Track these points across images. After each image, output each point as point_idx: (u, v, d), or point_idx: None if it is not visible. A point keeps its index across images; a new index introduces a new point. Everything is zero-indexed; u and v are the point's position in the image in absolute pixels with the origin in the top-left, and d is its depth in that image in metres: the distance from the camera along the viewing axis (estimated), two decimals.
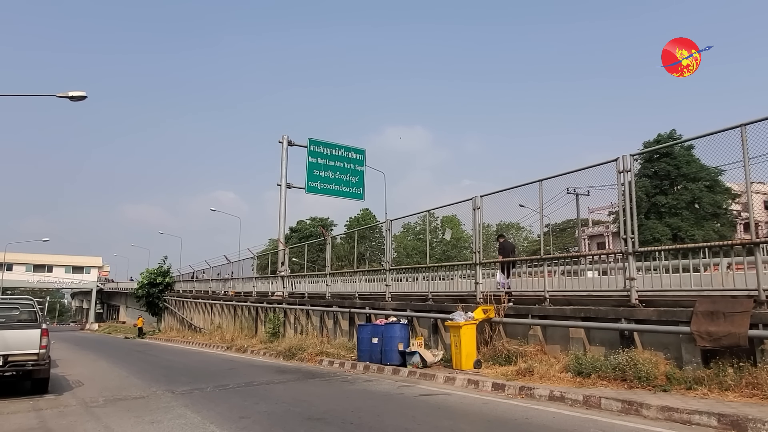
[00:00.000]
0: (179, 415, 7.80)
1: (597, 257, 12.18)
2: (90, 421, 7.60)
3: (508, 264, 12.63)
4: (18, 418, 7.93)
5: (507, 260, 12.62)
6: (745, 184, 8.10)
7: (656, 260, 10.18)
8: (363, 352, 13.36)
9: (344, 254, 48.49)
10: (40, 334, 9.72)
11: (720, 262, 8.79)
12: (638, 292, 9.23)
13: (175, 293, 41.93)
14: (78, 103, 17.30)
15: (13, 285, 71.74)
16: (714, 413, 6.26)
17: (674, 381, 7.83)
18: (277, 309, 22.68)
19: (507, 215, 25.49)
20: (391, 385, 10.25)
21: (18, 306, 11.67)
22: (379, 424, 6.84)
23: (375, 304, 16.37)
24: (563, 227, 40.19)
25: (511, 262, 12.68)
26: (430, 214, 18.37)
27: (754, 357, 7.57)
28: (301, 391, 10.00)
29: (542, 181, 11.39)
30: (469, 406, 7.97)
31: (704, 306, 8.01)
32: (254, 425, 6.98)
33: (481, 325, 11.65)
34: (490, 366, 10.88)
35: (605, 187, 10.86)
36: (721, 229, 35.48)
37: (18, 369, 9.52)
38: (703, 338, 7.78)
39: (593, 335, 9.99)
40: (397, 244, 51.42)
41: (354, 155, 28.89)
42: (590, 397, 7.61)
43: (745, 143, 7.95)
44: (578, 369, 9.00)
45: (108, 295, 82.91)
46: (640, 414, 6.87)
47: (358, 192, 28.86)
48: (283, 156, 27.22)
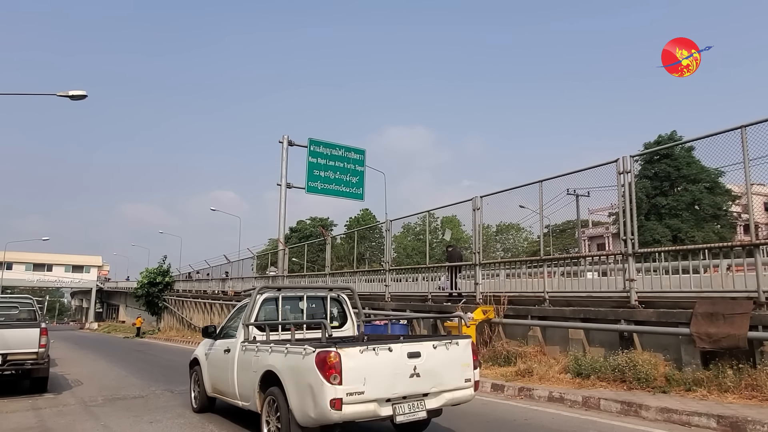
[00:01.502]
0: (178, 414, 7.80)
1: (597, 258, 12.17)
2: (89, 420, 7.59)
3: (454, 269, 13.96)
4: (17, 417, 7.93)
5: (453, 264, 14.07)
6: (746, 186, 8.10)
7: (656, 261, 10.17)
8: None
9: (344, 254, 48.46)
10: (39, 333, 9.71)
11: (720, 264, 8.78)
12: (638, 293, 9.22)
13: (175, 293, 41.91)
14: (79, 103, 17.32)
15: (12, 284, 71.73)
16: (713, 415, 6.26)
17: (673, 382, 7.82)
18: None
19: (507, 216, 25.63)
20: None
21: (17, 305, 11.70)
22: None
23: (374, 304, 16.35)
24: (563, 228, 40.14)
25: (457, 268, 14.02)
26: (430, 215, 18.37)
27: (753, 359, 7.56)
28: None
29: (542, 182, 11.39)
30: (468, 407, 7.93)
31: (704, 307, 8.00)
32: (254, 425, 6.97)
33: (481, 326, 11.64)
34: (489, 367, 10.86)
35: (605, 188, 10.85)
36: (721, 230, 35.45)
37: (17, 368, 9.51)
38: (703, 340, 7.78)
39: (593, 336, 9.98)
40: (397, 245, 51.43)
41: (354, 155, 28.87)
42: (589, 398, 7.61)
43: (746, 145, 7.95)
44: (577, 370, 9.00)
45: (108, 295, 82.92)
46: (639, 415, 6.86)
47: (358, 192, 28.84)
48: (283, 156, 27.21)
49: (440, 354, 5.54)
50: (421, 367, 5.32)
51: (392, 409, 5.16)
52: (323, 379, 4.86)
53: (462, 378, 5.64)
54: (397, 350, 5.28)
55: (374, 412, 5.07)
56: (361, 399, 4.97)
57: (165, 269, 43.47)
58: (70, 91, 16.85)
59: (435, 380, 5.42)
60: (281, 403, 5.42)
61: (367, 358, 5.11)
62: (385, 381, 5.13)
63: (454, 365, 5.62)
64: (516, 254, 48.64)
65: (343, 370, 4.89)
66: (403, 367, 5.24)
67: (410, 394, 5.28)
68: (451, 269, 13.90)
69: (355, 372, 4.97)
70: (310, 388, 5.00)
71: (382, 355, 5.18)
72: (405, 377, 5.24)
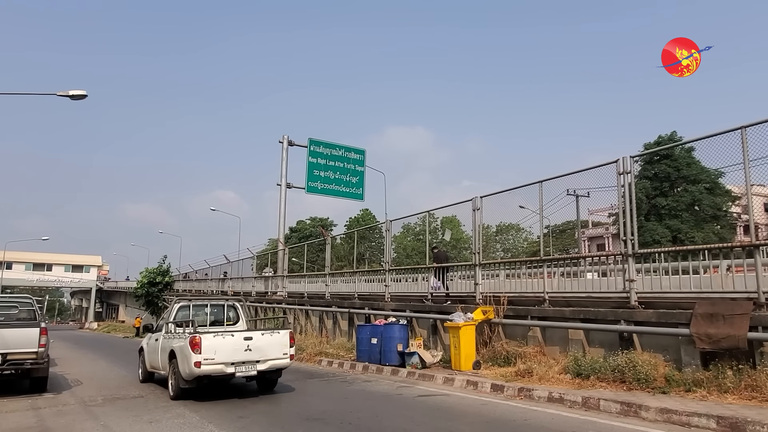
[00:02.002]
0: (178, 414, 7.80)
1: (597, 259, 12.16)
2: (88, 420, 7.59)
3: (442, 270, 14.45)
4: (16, 416, 7.93)
5: (440, 266, 14.52)
6: (746, 187, 8.09)
7: (656, 262, 10.17)
8: (362, 353, 13.35)
9: (344, 254, 48.48)
10: (39, 333, 9.71)
11: (720, 265, 8.78)
12: (638, 293, 9.22)
13: (175, 293, 41.87)
14: (80, 103, 17.34)
15: (12, 283, 71.70)
16: (713, 415, 6.25)
17: (673, 383, 7.82)
18: (277, 309, 22.68)
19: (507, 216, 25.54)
20: (390, 386, 10.24)
21: (17, 304, 11.67)
22: (378, 425, 6.84)
23: (374, 304, 16.36)
24: (563, 228, 40.16)
25: (445, 269, 14.55)
26: (429, 215, 18.36)
27: (753, 359, 7.56)
28: (299, 391, 9.99)
29: (542, 182, 11.37)
30: (467, 407, 7.96)
31: (704, 308, 8.00)
32: (252, 425, 6.98)
33: (481, 326, 11.64)
34: (489, 367, 10.87)
35: (605, 188, 10.85)
36: (721, 231, 35.45)
37: (17, 367, 9.50)
38: (703, 340, 7.78)
39: (592, 337, 9.98)
40: (396, 245, 51.44)
41: (354, 155, 28.90)
42: (589, 399, 7.60)
43: (746, 145, 7.94)
44: (577, 370, 8.99)
45: (107, 294, 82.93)
46: (638, 416, 6.86)
47: (358, 192, 28.87)
48: (284, 156, 27.23)
49: (266, 338, 9.26)
50: (252, 345, 9.01)
51: (234, 369, 8.83)
52: (191, 351, 8.55)
53: (281, 353, 9.29)
54: (237, 336, 9.13)
55: (222, 370, 8.73)
56: (213, 362, 8.63)
57: (165, 269, 43.51)
58: (71, 91, 16.86)
59: (262, 353, 9.08)
60: (175, 367, 9.09)
61: (217, 340, 8.83)
62: (228, 353, 8.79)
63: (277, 345, 9.28)
64: (516, 254, 48.67)
65: (202, 346, 8.57)
66: (240, 345, 8.93)
67: (245, 360, 8.91)
68: (438, 270, 14.50)
69: (210, 348, 8.64)
70: (186, 356, 8.68)
71: (227, 339, 8.96)
72: (242, 351, 8.89)
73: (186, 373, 8.68)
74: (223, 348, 8.75)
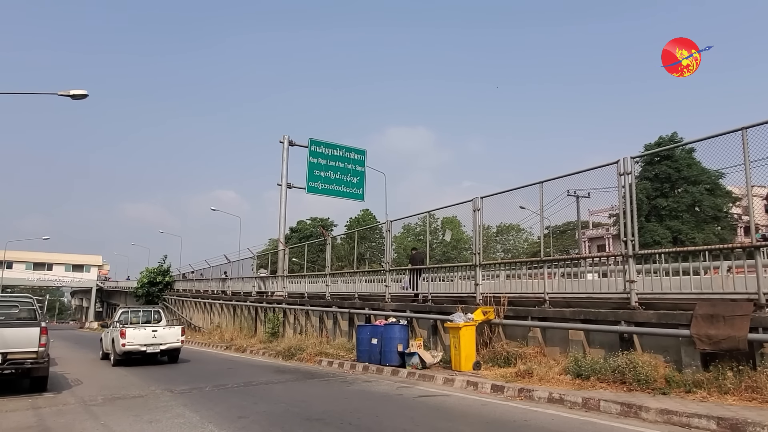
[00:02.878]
0: (178, 414, 7.80)
1: (597, 259, 12.16)
2: (88, 419, 7.59)
3: (415, 271, 15.37)
4: (16, 416, 7.93)
5: (415, 268, 15.43)
6: (746, 188, 8.09)
7: (656, 263, 10.18)
8: (362, 353, 13.36)
9: (344, 255, 48.49)
10: (39, 333, 9.72)
11: (720, 266, 8.78)
12: (638, 294, 9.22)
13: (175, 292, 41.94)
14: (80, 103, 17.36)
15: (13, 283, 71.68)
16: (713, 417, 6.26)
17: (673, 384, 7.82)
18: (277, 309, 22.69)
19: (507, 217, 25.59)
20: (390, 386, 10.25)
21: (17, 304, 11.68)
22: (378, 425, 6.84)
23: (374, 304, 16.37)
24: (563, 229, 40.19)
25: (419, 270, 15.31)
26: (430, 215, 18.36)
27: (753, 360, 7.56)
28: (299, 392, 9.99)
29: (543, 183, 11.38)
30: (467, 408, 7.97)
31: (704, 309, 8.00)
32: (252, 425, 6.98)
33: (481, 327, 11.64)
34: (489, 367, 10.88)
35: (606, 189, 10.86)
36: (721, 232, 35.47)
37: (17, 367, 9.51)
38: (703, 341, 7.78)
39: (593, 337, 9.98)
40: (397, 245, 51.42)
41: (355, 156, 28.88)
42: (589, 400, 7.60)
43: (746, 146, 7.95)
44: (577, 371, 9.00)
45: (108, 294, 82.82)
46: (639, 417, 6.86)
47: (359, 192, 28.86)
48: (284, 156, 27.23)
49: (167, 330, 15.69)
50: (157, 335, 15.26)
51: (145, 348, 15.00)
52: (120, 337, 14.93)
53: (176, 339, 15.55)
54: (148, 328, 15.47)
55: (137, 349, 14.93)
56: (133, 344, 14.92)
57: (165, 269, 43.51)
58: (71, 91, 16.88)
59: (163, 339, 15.31)
60: (114, 347, 15.40)
61: (136, 331, 15.21)
62: (142, 339, 15.02)
63: (173, 335, 15.61)
64: (516, 255, 48.71)
65: (126, 335, 14.91)
66: (149, 334, 15.18)
67: (152, 343, 15.09)
68: (412, 271, 15.51)
69: (131, 336, 14.98)
70: (118, 341, 15.05)
71: (141, 330, 15.29)
72: (150, 338, 15.11)
73: (118, 350, 14.98)
74: (138, 336, 15.02)
